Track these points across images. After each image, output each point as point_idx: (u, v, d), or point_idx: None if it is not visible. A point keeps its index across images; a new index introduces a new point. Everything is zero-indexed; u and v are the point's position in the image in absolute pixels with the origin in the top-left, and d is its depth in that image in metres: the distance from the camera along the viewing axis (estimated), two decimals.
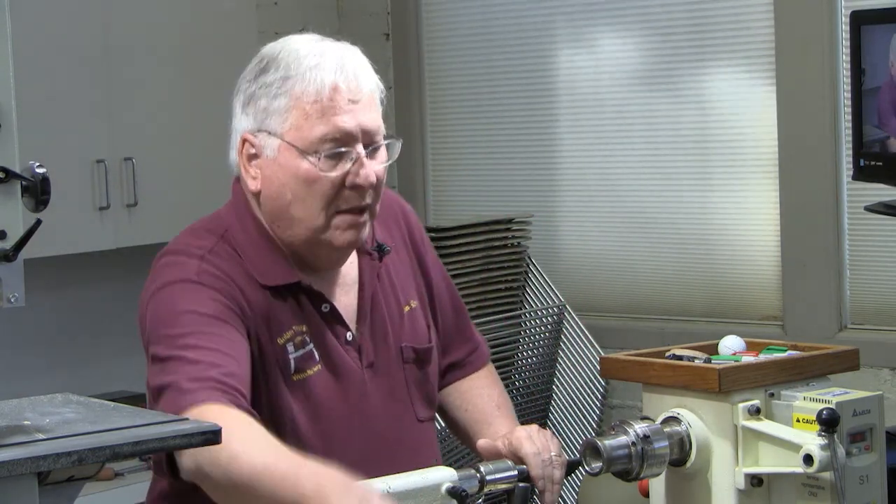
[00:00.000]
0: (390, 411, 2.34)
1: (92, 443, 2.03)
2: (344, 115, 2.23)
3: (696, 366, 2.16)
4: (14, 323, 4.18)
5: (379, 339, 2.35)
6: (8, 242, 2.00)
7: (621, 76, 4.58)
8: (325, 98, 2.23)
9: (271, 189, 2.27)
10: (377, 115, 2.28)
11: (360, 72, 2.27)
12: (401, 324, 2.38)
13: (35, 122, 3.41)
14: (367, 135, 2.26)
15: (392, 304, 2.38)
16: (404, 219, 2.47)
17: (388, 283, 2.38)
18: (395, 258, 2.41)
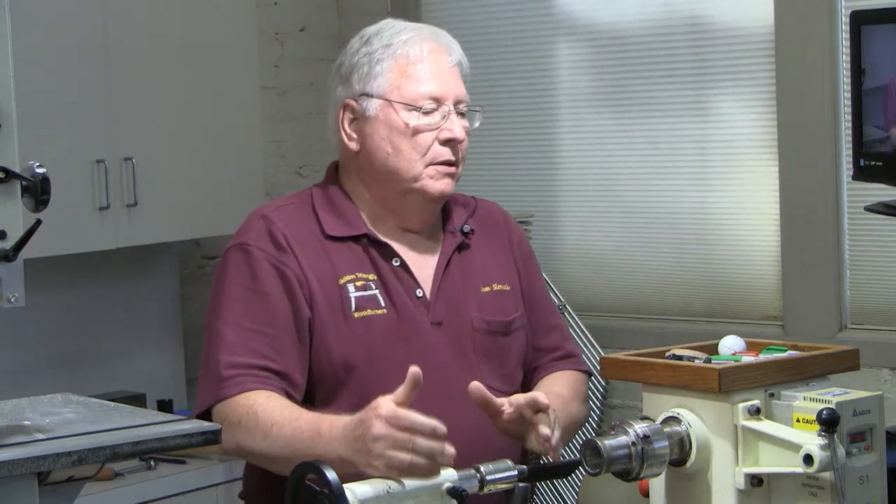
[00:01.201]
0: (456, 367, 2.51)
1: (92, 443, 2.04)
2: (439, 76, 2.55)
3: (696, 366, 2.16)
4: (14, 323, 4.18)
5: (451, 304, 2.56)
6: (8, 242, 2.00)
7: (621, 76, 4.58)
8: (423, 60, 2.56)
9: (371, 145, 2.56)
10: (462, 84, 2.58)
11: (451, 44, 2.61)
12: (478, 298, 2.59)
13: (35, 122, 3.41)
14: (456, 97, 2.56)
15: (469, 280, 2.60)
16: (506, 224, 2.74)
17: (469, 262, 2.62)
18: (485, 248, 2.65)
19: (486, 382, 2.39)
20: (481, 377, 2.44)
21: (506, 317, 2.61)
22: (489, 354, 2.57)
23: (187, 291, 4.75)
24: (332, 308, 2.49)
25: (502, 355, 2.59)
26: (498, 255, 2.68)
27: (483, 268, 2.63)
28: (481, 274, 2.62)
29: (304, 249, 2.51)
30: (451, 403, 2.39)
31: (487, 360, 2.57)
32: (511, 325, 2.61)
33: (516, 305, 2.64)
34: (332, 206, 2.58)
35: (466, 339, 2.55)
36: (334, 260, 2.52)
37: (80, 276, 4.40)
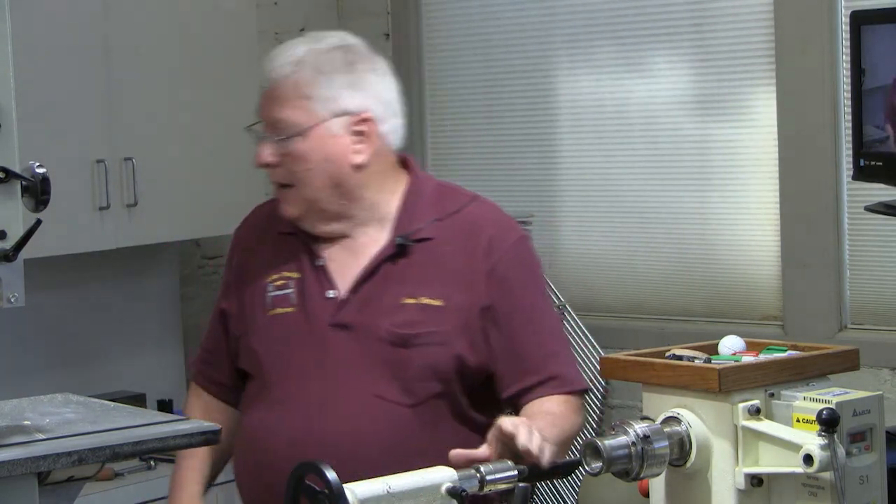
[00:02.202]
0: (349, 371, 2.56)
1: (92, 443, 2.04)
2: (262, 102, 2.62)
3: (696, 366, 2.16)
4: (14, 323, 4.18)
5: (365, 310, 2.57)
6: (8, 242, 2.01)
7: (621, 76, 4.58)
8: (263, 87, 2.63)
9: None
10: (282, 108, 2.58)
11: (279, 67, 2.60)
12: (396, 307, 2.57)
13: (35, 122, 3.41)
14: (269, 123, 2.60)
15: (395, 288, 2.58)
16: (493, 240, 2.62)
17: (403, 270, 2.60)
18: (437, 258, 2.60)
19: (376, 390, 2.54)
20: (373, 384, 2.54)
21: (413, 329, 2.56)
22: (389, 364, 2.55)
23: (187, 291, 4.75)
24: (255, 305, 2.66)
25: (403, 367, 2.56)
26: (453, 266, 2.60)
27: (419, 278, 2.59)
28: (413, 285, 2.58)
29: (257, 247, 2.71)
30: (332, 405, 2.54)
31: (386, 369, 2.56)
32: (418, 339, 2.56)
33: (441, 321, 2.57)
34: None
35: (368, 346, 2.56)
36: (272, 258, 2.66)
37: (80, 276, 4.40)
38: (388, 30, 5.09)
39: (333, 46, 2.63)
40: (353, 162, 2.61)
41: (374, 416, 2.54)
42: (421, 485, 2.04)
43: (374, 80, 2.67)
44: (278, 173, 2.60)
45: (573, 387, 2.65)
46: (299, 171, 2.58)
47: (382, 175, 2.67)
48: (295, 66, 2.58)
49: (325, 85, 2.58)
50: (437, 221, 2.63)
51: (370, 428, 2.52)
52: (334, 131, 2.60)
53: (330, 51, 2.62)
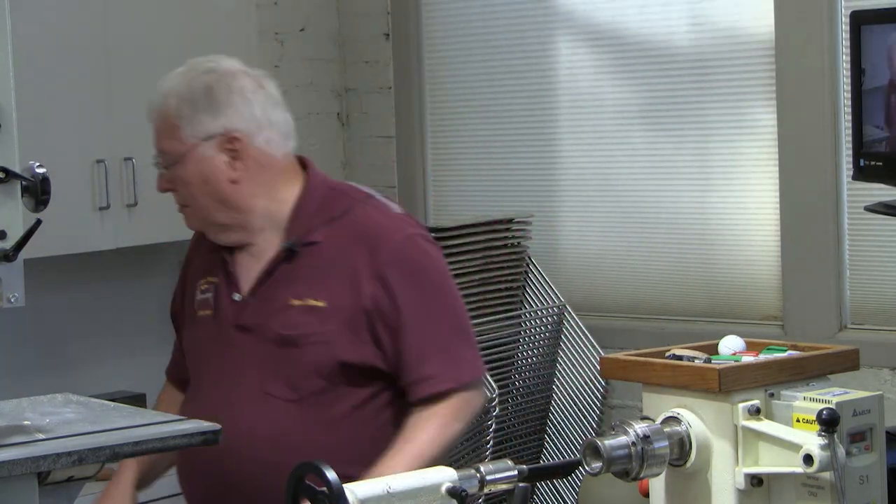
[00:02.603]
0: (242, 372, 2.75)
1: (92, 443, 2.04)
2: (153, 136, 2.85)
3: (696, 366, 2.16)
4: (14, 323, 4.18)
5: (260, 312, 2.76)
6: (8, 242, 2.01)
7: (621, 76, 4.58)
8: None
9: None
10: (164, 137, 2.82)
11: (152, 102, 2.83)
12: (285, 309, 2.74)
13: (35, 122, 3.41)
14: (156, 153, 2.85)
15: (287, 290, 2.75)
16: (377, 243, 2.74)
17: (295, 272, 2.76)
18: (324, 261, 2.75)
19: (266, 387, 2.72)
20: (264, 382, 2.73)
21: (297, 330, 2.72)
22: (276, 363, 2.73)
23: None
24: (189, 308, 2.88)
25: (288, 366, 2.73)
26: (337, 268, 2.73)
27: (306, 280, 2.75)
28: (300, 287, 2.74)
29: (195, 256, 2.93)
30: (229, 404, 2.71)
31: (274, 367, 2.73)
32: (302, 339, 2.72)
33: (323, 321, 2.71)
34: None
35: (261, 347, 2.74)
36: (203, 265, 2.88)
37: (80, 276, 4.40)
38: (388, 30, 5.09)
39: (200, 73, 2.80)
40: (229, 178, 2.77)
41: (262, 412, 2.71)
42: (421, 485, 2.04)
43: (236, 101, 2.77)
44: (176, 197, 2.83)
45: (445, 386, 2.72)
46: (186, 194, 2.80)
47: (271, 183, 2.79)
48: (164, 99, 2.79)
49: (189, 113, 2.77)
50: (326, 225, 2.77)
51: (259, 423, 2.70)
52: (207, 154, 2.77)
53: (194, 78, 2.79)
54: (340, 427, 2.73)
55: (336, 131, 5.21)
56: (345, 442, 2.71)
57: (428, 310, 2.75)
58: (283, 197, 2.79)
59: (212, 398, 2.76)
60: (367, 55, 5.15)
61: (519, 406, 4.43)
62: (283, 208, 2.79)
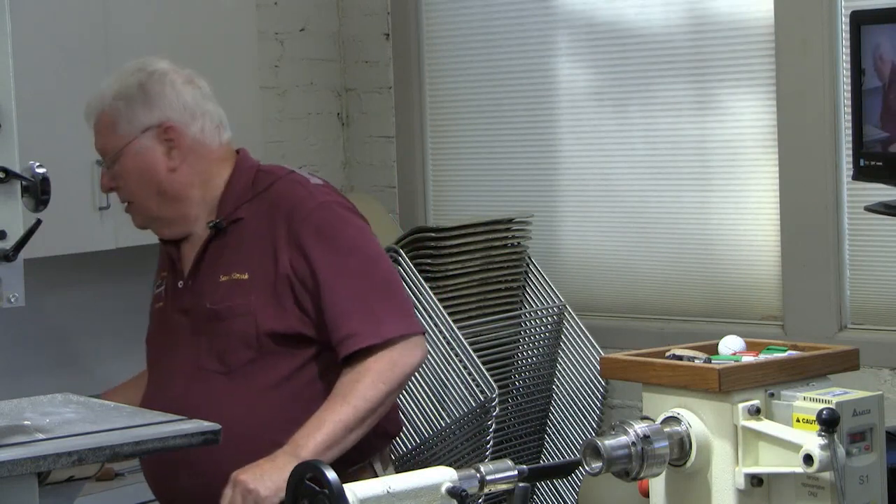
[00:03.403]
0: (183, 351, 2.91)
1: (92, 443, 2.04)
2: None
3: (696, 366, 2.16)
4: (14, 323, 4.18)
5: (195, 293, 2.92)
6: (8, 242, 2.01)
7: (621, 76, 4.58)
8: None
9: None
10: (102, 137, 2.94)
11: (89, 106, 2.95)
12: (215, 286, 2.88)
13: (35, 122, 3.41)
14: (100, 153, 2.96)
15: (215, 269, 2.90)
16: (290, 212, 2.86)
17: (221, 251, 2.91)
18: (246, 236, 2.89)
19: (199, 362, 2.87)
20: (199, 357, 2.87)
21: (224, 303, 2.86)
22: (208, 337, 2.88)
23: None
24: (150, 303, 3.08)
25: (218, 338, 2.86)
26: (256, 241, 2.88)
27: (231, 256, 2.90)
28: (227, 263, 2.90)
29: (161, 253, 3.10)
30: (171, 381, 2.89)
31: (206, 342, 2.88)
32: (228, 312, 2.85)
33: (246, 293, 2.84)
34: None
35: (196, 325, 2.90)
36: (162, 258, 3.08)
37: (80, 276, 4.39)
38: (388, 30, 5.09)
39: (132, 72, 2.96)
40: (167, 167, 2.91)
41: (195, 386, 2.85)
42: (421, 485, 2.04)
43: (168, 93, 2.94)
44: (119, 195, 2.97)
45: (366, 342, 2.77)
46: (127, 189, 2.94)
47: (206, 171, 2.95)
48: (100, 101, 2.92)
49: (125, 108, 2.91)
50: (248, 203, 2.91)
51: (191, 396, 2.83)
52: (146, 145, 2.91)
53: (127, 77, 2.95)
54: (270, 396, 2.82)
55: (336, 131, 5.21)
56: (276, 410, 2.81)
57: (345, 270, 2.82)
58: (215, 183, 2.95)
59: (154, 379, 2.97)
60: (367, 55, 5.15)
61: (519, 406, 4.43)
62: (215, 194, 2.95)
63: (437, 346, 4.12)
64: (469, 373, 4.09)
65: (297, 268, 2.82)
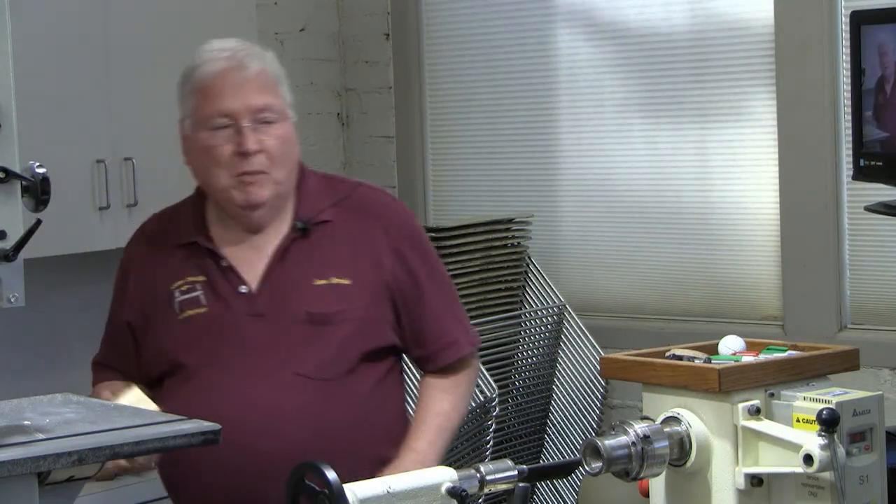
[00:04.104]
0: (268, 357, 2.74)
1: (92, 443, 2.04)
2: (229, 94, 2.74)
3: (696, 366, 2.16)
4: (14, 323, 4.18)
5: (279, 297, 2.77)
6: (8, 242, 2.00)
7: (621, 76, 4.58)
8: (214, 81, 2.76)
9: (190, 163, 2.85)
10: (264, 95, 2.76)
11: (247, 59, 2.78)
12: (309, 290, 2.76)
13: (35, 122, 3.41)
14: (251, 110, 2.74)
15: (304, 272, 2.77)
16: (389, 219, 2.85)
17: (308, 253, 2.79)
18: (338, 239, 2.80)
19: (296, 370, 2.72)
20: (292, 365, 2.73)
21: (329, 308, 2.76)
22: (305, 343, 2.75)
23: None
24: (163, 312, 2.83)
25: (319, 344, 2.75)
26: (354, 245, 2.81)
27: (325, 260, 2.79)
28: (320, 266, 2.78)
29: (155, 257, 2.88)
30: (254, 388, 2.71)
31: (303, 348, 2.75)
32: (334, 317, 2.75)
33: (351, 298, 2.77)
34: (188, 213, 2.90)
35: (285, 329, 2.75)
36: (174, 266, 2.84)
37: (80, 276, 4.39)
38: (388, 30, 5.09)
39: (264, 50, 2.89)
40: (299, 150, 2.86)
41: (291, 395, 2.71)
42: (421, 485, 2.04)
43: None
44: (257, 160, 2.75)
45: (466, 350, 2.89)
46: (278, 155, 2.76)
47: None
48: (262, 60, 2.80)
49: (283, 77, 2.84)
50: (333, 206, 2.83)
51: (289, 405, 2.70)
52: (292, 118, 2.83)
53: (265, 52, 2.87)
54: (367, 405, 2.78)
55: (336, 131, 5.21)
56: (373, 419, 2.78)
57: (437, 280, 2.89)
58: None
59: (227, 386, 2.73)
60: (367, 55, 5.15)
61: (519, 406, 4.43)
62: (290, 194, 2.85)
63: None
64: None
65: (399, 276, 2.81)
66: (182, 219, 2.90)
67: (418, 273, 2.84)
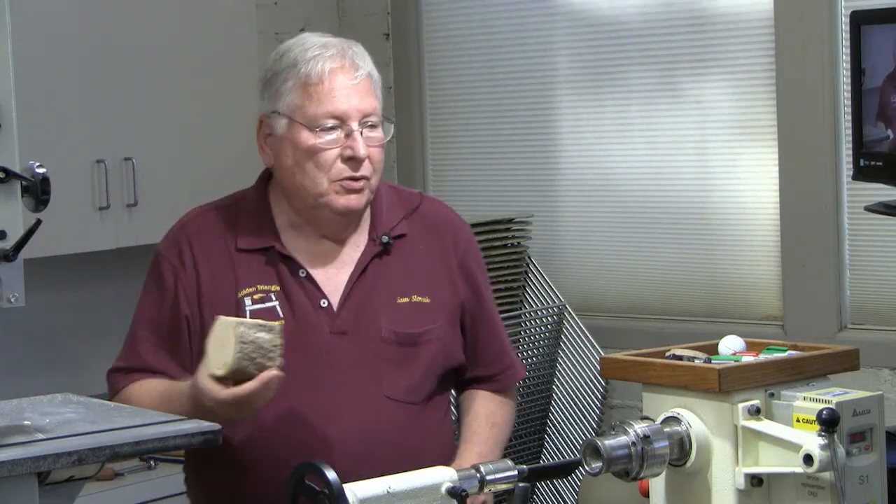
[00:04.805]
0: (353, 376, 2.60)
1: (92, 443, 2.04)
2: (340, 96, 2.59)
3: (696, 366, 2.16)
4: (14, 323, 4.18)
5: (360, 314, 2.62)
6: (8, 242, 2.00)
7: (621, 76, 4.58)
8: (324, 81, 2.59)
9: (281, 162, 2.63)
10: (372, 99, 2.62)
11: (357, 59, 2.62)
12: (392, 308, 2.64)
13: (35, 122, 3.41)
14: (361, 114, 2.60)
15: (386, 289, 2.65)
16: (455, 235, 2.76)
17: (389, 270, 2.66)
18: (414, 254, 2.69)
19: (385, 392, 2.61)
20: (381, 387, 2.61)
21: (416, 329, 2.64)
22: (394, 364, 2.63)
23: None
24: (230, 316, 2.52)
25: (408, 366, 2.64)
26: (429, 262, 2.70)
27: (405, 276, 2.67)
28: (401, 283, 2.66)
29: (209, 260, 2.64)
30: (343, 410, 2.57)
31: (392, 370, 2.63)
32: (421, 337, 2.65)
33: (433, 318, 2.67)
34: (249, 215, 2.68)
35: (371, 349, 2.61)
36: (238, 272, 2.62)
37: (80, 276, 4.40)
38: (388, 30, 5.09)
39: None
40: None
41: (386, 418, 2.60)
42: (421, 485, 2.04)
43: None
44: (365, 167, 2.60)
45: (522, 374, 2.89)
46: (378, 161, 2.63)
47: None
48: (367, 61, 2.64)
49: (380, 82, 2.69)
50: (405, 219, 2.72)
51: (383, 429, 2.59)
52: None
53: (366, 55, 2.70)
54: (443, 428, 2.73)
55: None
56: (446, 442, 2.72)
57: (492, 301, 2.85)
58: None
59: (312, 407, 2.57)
60: None
61: (519, 406, 4.43)
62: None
63: None
64: None
65: (468, 296, 2.73)
66: (245, 220, 2.68)
67: (483, 292, 2.78)
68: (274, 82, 2.63)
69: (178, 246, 2.67)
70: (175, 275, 2.65)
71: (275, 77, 2.63)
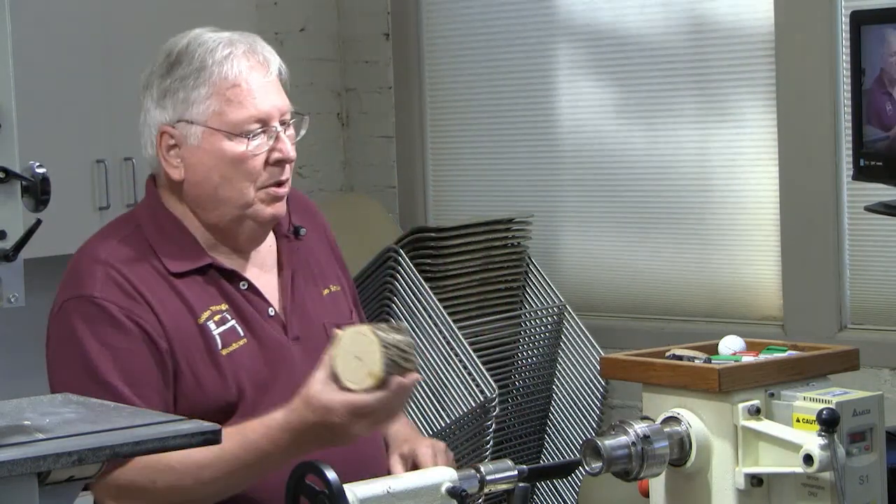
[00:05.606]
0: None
1: (92, 443, 2.03)
2: (262, 96, 2.39)
3: (696, 366, 2.16)
4: (14, 323, 4.18)
5: (303, 315, 2.48)
6: (8, 242, 2.00)
7: (622, 76, 4.58)
8: (242, 81, 2.38)
9: (196, 175, 2.41)
10: (285, 94, 2.43)
11: (266, 53, 2.44)
12: (322, 303, 2.52)
13: (35, 122, 3.41)
14: (281, 113, 2.41)
15: (311, 285, 2.52)
16: (320, 219, 2.63)
17: (306, 265, 2.53)
18: (314, 245, 2.57)
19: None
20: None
21: (343, 320, 2.50)
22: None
23: None
24: (197, 351, 2.38)
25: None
26: (320, 249, 2.58)
27: (316, 267, 2.55)
28: (319, 276, 2.54)
29: (154, 293, 2.38)
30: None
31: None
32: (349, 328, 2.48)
33: (348, 305, 2.59)
34: (167, 237, 2.44)
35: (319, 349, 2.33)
36: (186, 298, 2.39)
37: None
38: (388, 30, 5.09)
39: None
40: None
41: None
42: (421, 485, 2.04)
43: None
44: (289, 169, 2.44)
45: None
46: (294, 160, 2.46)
47: None
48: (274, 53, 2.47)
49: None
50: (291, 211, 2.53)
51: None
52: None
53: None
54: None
55: (336, 131, 5.21)
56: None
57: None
58: None
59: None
60: (367, 55, 5.15)
61: (519, 406, 4.43)
62: None
63: (437, 346, 4.12)
64: (469, 373, 4.09)
65: (348, 281, 2.64)
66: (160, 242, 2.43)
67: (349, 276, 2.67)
68: (178, 89, 2.41)
69: (112, 283, 2.38)
70: (129, 315, 2.36)
71: (178, 83, 2.42)
